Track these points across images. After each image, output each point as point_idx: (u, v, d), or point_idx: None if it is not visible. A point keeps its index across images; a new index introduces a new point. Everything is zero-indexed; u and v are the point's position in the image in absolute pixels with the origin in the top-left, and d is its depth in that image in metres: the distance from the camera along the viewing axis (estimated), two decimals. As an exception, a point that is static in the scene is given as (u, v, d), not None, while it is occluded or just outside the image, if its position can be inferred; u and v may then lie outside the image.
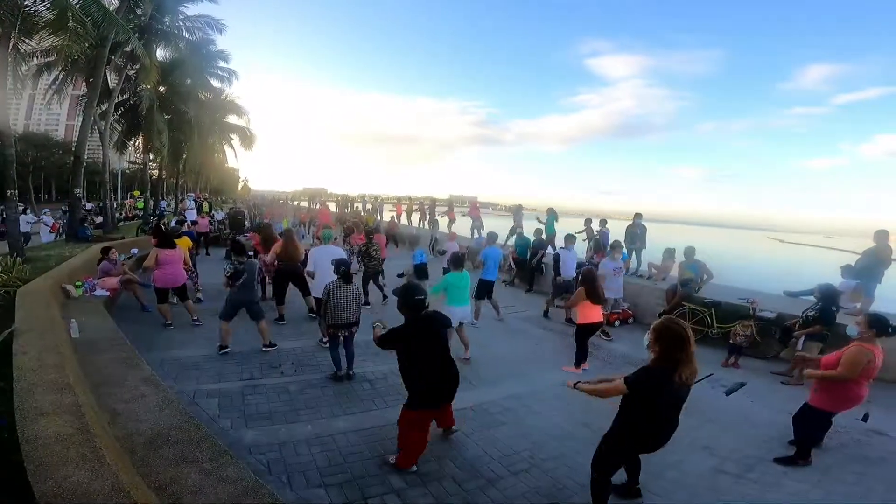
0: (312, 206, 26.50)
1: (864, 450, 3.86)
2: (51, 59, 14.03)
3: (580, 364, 5.52)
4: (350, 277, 4.73)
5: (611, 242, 7.79)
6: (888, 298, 6.59)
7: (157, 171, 27.85)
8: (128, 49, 14.57)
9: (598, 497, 2.78)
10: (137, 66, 16.13)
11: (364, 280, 7.94)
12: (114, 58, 15.23)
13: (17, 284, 5.88)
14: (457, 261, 5.74)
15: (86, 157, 14.41)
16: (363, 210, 22.51)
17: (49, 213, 20.27)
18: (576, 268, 8.07)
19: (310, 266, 6.08)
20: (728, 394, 5.03)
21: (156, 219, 16.17)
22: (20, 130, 52.41)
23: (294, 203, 32.60)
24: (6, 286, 5.87)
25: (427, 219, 17.84)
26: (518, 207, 13.80)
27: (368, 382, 4.74)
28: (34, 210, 22.55)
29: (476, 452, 3.54)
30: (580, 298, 5.44)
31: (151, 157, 22.81)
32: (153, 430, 2.66)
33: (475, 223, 14.99)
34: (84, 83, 15.54)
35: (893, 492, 3.27)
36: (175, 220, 13.67)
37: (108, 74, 15.75)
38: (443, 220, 16.92)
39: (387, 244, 10.87)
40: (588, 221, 11.37)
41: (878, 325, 3.38)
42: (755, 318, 6.25)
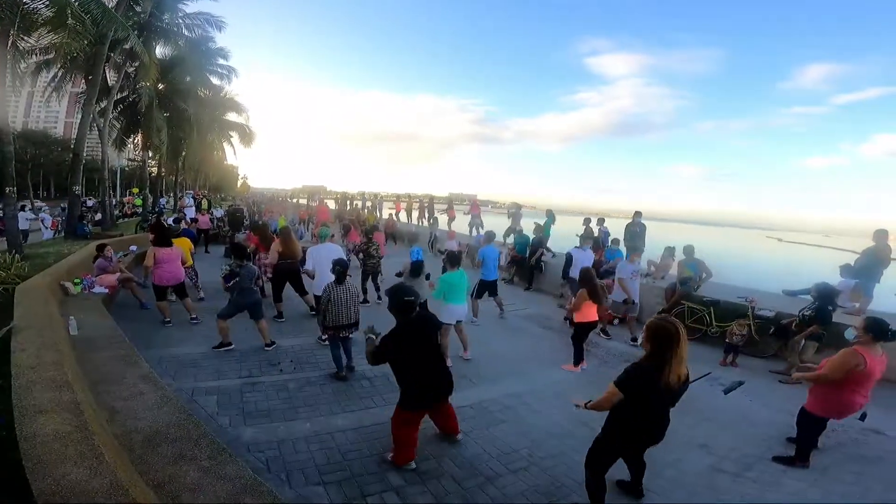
0: (311, 204, 26.49)
1: (862, 449, 3.87)
2: (50, 57, 13.99)
3: (579, 363, 5.53)
4: (344, 278, 4.73)
5: (630, 244, 7.54)
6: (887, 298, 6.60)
7: (157, 169, 27.77)
8: (127, 46, 14.49)
9: (594, 495, 2.79)
10: (137, 64, 16.07)
11: (363, 278, 7.94)
12: (113, 55, 15.15)
13: (16, 281, 5.87)
14: (453, 259, 5.74)
15: (85, 155, 14.36)
16: (363, 208, 22.49)
17: (47, 210, 20.24)
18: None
19: (308, 265, 6.09)
20: (726, 392, 5.01)
21: (155, 216, 16.14)
22: (19, 128, 52.33)
23: (293, 201, 32.59)
24: (5, 283, 5.86)
25: (427, 216, 17.84)
26: (516, 207, 13.81)
27: (367, 380, 4.75)
28: (33, 207, 22.50)
29: (475, 450, 3.54)
30: (583, 300, 5.44)
31: (150, 155, 22.70)
32: (152, 428, 2.66)
33: (475, 221, 15.00)
34: (83, 80, 15.48)
35: (891, 491, 3.28)
36: (173, 218, 13.65)
37: (108, 72, 15.67)
38: (442, 218, 16.92)
39: (385, 242, 10.87)
40: (587, 221, 11.40)
41: (876, 329, 3.26)
42: (754, 317, 6.26)
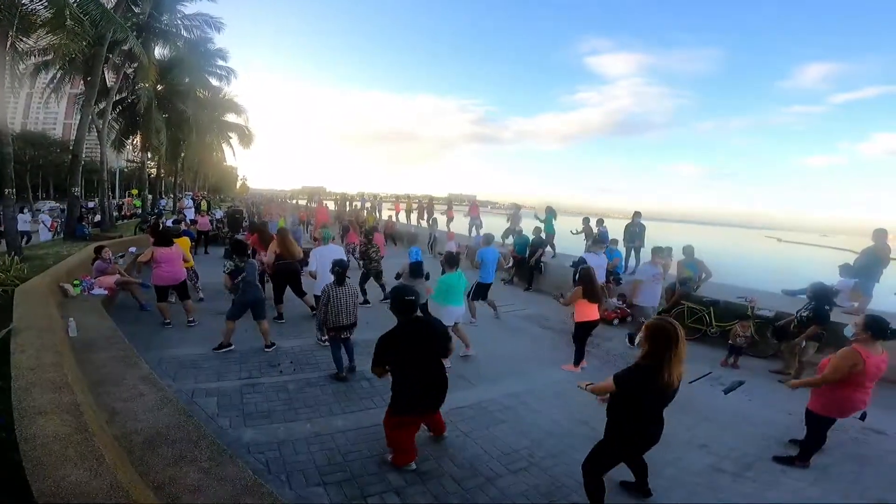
0: (310, 205, 26.49)
1: (862, 448, 3.87)
2: (48, 58, 13.96)
3: (579, 363, 5.53)
4: (343, 279, 4.73)
5: (654, 248, 6.97)
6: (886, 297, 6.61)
7: (156, 170, 27.78)
8: (126, 47, 14.49)
9: (594, 497, 2.79)
10: (135, 65, 16.07)
11: (362, 279, 7.93)
12: (112, 56, 15.15)
13: (15, 283, 5.86)
14: (451, 260, 5.74)
15: (84, 156, 14.38)
16: (362, 208, 22.48)
17: (47, 211, 20.23)
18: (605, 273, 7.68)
19: (312, 266, 6.07)
20: (726, 392, 5.04)
21: (154, 217, 16.13)
22: (18, 129, 52.29)
23: (293, 202, 32.59)
24: (4, 285, 5.85)
25: (426, 217, 17.84)
26: (516, 207, 13.82)
27: (367, 381, 4.74)
28: (32, 209, 22.47)
29: (475, 451, 3.54)
30: (577, 297, 5.44)
31: (149, 156, 22.73)
32: (152, 429, 2.65)
33: (474, 222, 15.00)
34: (82, 82, 15.47)
35: (890, 491, 3.28)
36: (172, 220, 13.63)
37: (106, 73, 15.67)
38: (442, 219, 16.92)
39: (385, 243, 10.87)
40: (586, 220, 11.45)
41: (875, 328, 3.25)
42: (754, 317, 6.26)
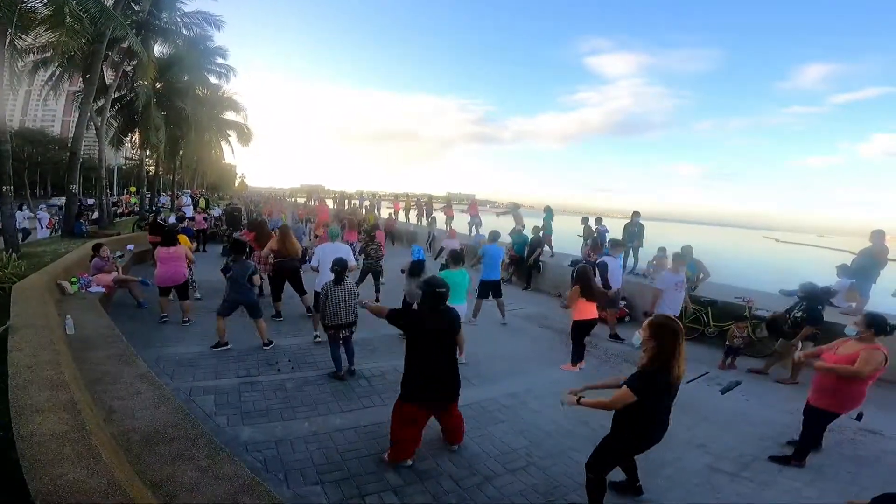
0: (309, 204, 26.47)
1: (859, 449, 3.89)
2: (47, 55, 13.92)
3: (577, 362, 5.54)
4: (342, 278, 4.69)
5: (675, 253, 6.54)
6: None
7: (154, 168, 27.72)
8: (125, 45, 14.46)
9: (595, 497, 2.79)
10: (135, 63, 16.04)
11: (360, 276, 7.92)
12: (111, 54, 15.12)
13: (13, 280, 5.84)
14: (456, 258, 5.70)
15: (82, 153, 14.33)
16: (361, 207, 22.47)
17: (45, 209, 20.17)
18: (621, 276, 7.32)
19: (313, 262, 6.03)
20: (724, 392, 5.05)
21: (152, 215, 16.10)
22: (16, 126, 52.19)
23: (292, 200, 32.57)
24: (1, 282, 5.82)
25: (425, 216, 17.85)
26: (514, 206, 13.83)
27: (365, 379, 4.74)
28: (30, 206, 22.42)
29: (473, 450, 3.54)
30: (575, 297, 5.43)
31: (148, 154, 22.66)
32: (149, 428, 2.65)
33: (473, 221, 15.01)
34: (81, 79, 15.44)
35: (887, 491, 3.28)
36: (175, 217, 13.60)
37: (105, 70, 15.63)
38: (440, 217, 16.92)
39: (384, 241, 10.85)
40: (585, 220, 11.48)
41: (877, 325, 3.39)
42: (751, 318, 6.27)
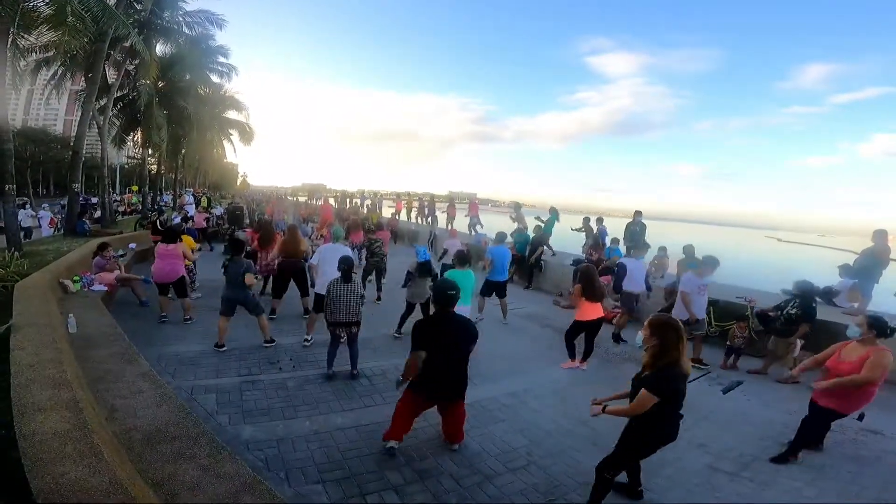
0: (311, 203, 26.48)
1: (860, 449, 3.88)
2: (49, 55, 13.96)
3: (574, 357, 5.52)
4: (350, 276, 4.67)
5: (704, 257, 6.22)
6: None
7: (156, 167, 27.78)
8: (127, 44, 14.46)
9: (598, 497, 2.79)
10: (137, 62, 16.03)
11: (363, 275, 7.92)
12: (113, 53, 15.12)
13: (15, 279, 5.86)
14: (462, 258, 5.67)
15: (84, 152, 14.37)
16: (362, 206, 22.48)
17: (47, 208, 20.23)
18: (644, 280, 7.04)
19: (314, 260, 6.00)
20: (725, 392, 5.04)
21: (155, 214, 16.14)
22: (18, 125, 52.22)
23: (293, 199, 32.58)
24: (4, 281, 5.84)
25: (426, 215, 17.85)
26: (517, 206, 13.82)
27: (367, 378, 4.75)
28: (33, 205, 22.48)
29: (474, 449, 3.55)
30: (577, 296, 5.42)
31: (150, 152, 22.70)
32: (151, 426, 2.66)
33: (473, 220, 15.01)
34: (83, 78, 15.45)
35: (888, 491, 3.29)
36: (178, 217, 13.62)
37: (107, 69, 15.64)
38: (442, 216, 16.92)
39: (388, 240, 10.85)
40: (586, 219, 11.48)
41: (878, 327, 3.42)
42: (753, 317, 6.24)
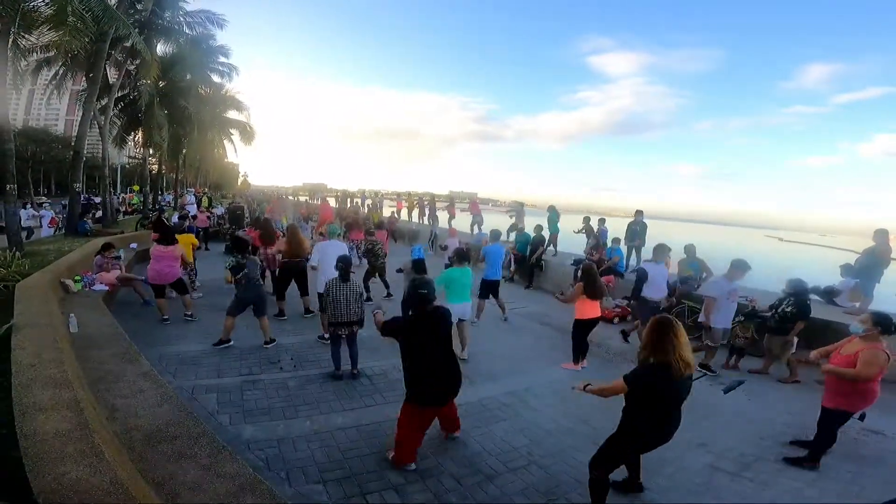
0: (311, 202, 26.50)
1: (861, 449, 3.88)
2: (50, 55, 13.98)
3: (578, 360, 5.53)
4: (348, 275, 4.66)
5: (733, 260, 5.88)
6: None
7: (157, 166, 27.80)
8: (128, 44, 14.48)
9: (598, 495, 2.79)
10: (137, 62, 16.04)
11: (366, 276, 7.92)
12: (114, 53, 15.16)
13: (16, 279, 5.87)
14: (461, 256, 5.68)
15: (85, 152, 14.39)
16: (363, 206, 22.48)
17: (48, 206, 20.26)
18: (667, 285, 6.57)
19: (313, 260, 6.02)
20: (726, 391, 5.02)
21: (156, 213, 16.15)
22: (20, 125, 52.35)
23: (293, 198, 32.59)
24: (5, 280, 5.86)
25: (427, 214, 17.84)
26: (519, 205, 13.83)
27: (367, 378, 4.75)
28: (34, 204, 22.52)
29: (474, 449, 3.55)
30: (578, 294, 5.42)
31: (151, 152, 22.72)
32: (152, 426, 2.67)
33: (475, 219, 15.01)
34: (84, 78, 15.48)
35: (888, 491, 3.27)
36: (178, 216, 13.64)
37: (108, 69, 15.67)
38: (443, 216, 16.92)
39: (387, 239, 10.86)
40: (587, 219, 11.47)
41: (883, 324, 3.41)
42: (754, 316, 6.23)
